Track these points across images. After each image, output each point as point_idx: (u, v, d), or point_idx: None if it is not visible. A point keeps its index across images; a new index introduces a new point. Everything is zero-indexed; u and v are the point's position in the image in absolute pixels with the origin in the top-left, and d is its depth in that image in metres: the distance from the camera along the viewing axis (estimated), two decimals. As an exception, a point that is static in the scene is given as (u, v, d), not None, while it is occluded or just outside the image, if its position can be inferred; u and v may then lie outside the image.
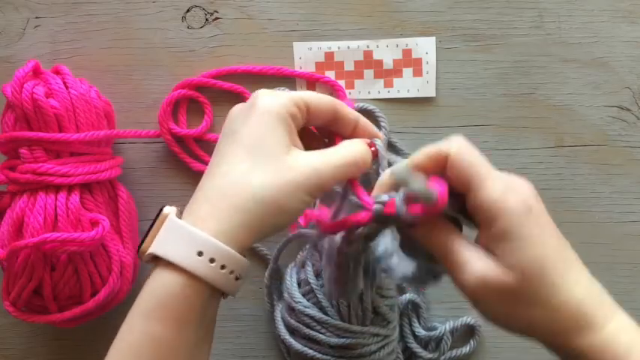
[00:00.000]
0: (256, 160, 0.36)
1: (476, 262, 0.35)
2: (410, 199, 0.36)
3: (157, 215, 0.37)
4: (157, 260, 0.36)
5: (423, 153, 0.37)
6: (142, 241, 0.37)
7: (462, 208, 0.37)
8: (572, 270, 0.35)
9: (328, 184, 0.37)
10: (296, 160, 0.37)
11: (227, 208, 0.35)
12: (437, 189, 0.34)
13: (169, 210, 0.37)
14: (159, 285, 0.36)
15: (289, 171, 0.36)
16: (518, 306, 0.35)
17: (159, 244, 0.36)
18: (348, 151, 0.39)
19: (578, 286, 0.35)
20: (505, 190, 0.35)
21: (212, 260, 0.35)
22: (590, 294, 0.35)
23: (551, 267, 0.34)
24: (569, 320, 0.35)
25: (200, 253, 0.35)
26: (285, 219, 0.37)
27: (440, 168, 0.36)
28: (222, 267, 0.35)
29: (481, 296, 0.35)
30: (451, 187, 0.36)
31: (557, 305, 0.34)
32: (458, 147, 0.36)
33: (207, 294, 0.36)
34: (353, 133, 0.42)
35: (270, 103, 0.38)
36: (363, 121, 0.43)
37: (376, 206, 0.37)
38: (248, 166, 0.36)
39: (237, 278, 0.37)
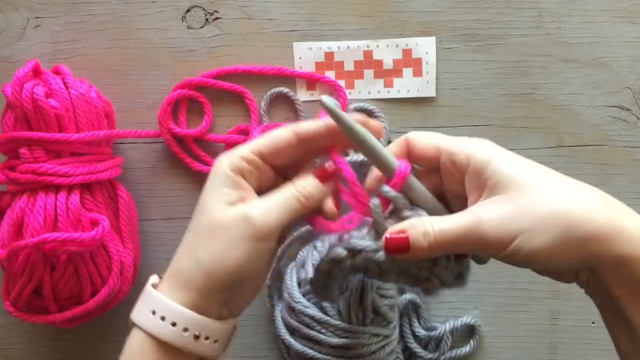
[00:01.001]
0: (200, 226, 0.39)
1: (474, 210, 0.36)
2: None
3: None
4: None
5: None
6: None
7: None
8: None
9: (268, 229, 0.38)
10: (229, 216, 0.38)
11: (177, 273, 0.39)
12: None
13: (151, 279, 0.40)
14: (128, 345, 0.39)
15: (221, 230, 0.38)
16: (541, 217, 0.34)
17: (134, 310, 0.39)
18: (284, 194, 0.39)
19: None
20: (467, 139, 0.39)
21: (163, 318, 0.37)
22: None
23: (543, 175, 0.36)
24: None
25: (153, 312, 0.38)
26: (234, 274, 0.38)
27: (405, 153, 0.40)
28: (173, 324, 0.37)
29: (507, 226, 0.34)
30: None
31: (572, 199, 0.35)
32: (413, 133, 0.40)
33: (165, 351, 0.38)
34: (330, 139, 0.40)
35: (215, 166, 0.40)
36: (331, 126, 0.40)
37: (373, 200, 0.39)
38: (193, 233, 0.39)
39: (196, 337, 0.38)
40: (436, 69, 0.58)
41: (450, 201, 0.40)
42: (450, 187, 0.40)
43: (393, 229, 0.37)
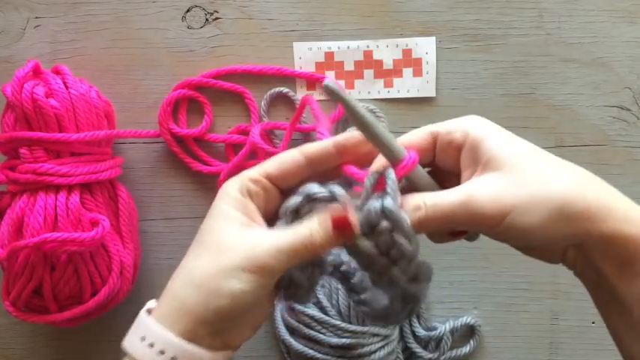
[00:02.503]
0: (201, 247, 0.37)
1: (470, 184, 0.36)
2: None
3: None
4: None
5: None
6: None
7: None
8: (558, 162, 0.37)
9: (268, 265, 0.35)
10: (236, 242, 0.36)
11: (170, 295, 0.37)
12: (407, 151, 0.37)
13: (148, 304, 0.38)
14: None
15: (225, 254, 0.36)
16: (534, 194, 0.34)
17: (126, 337, 0.37)
18: (293, 235, 0.36)
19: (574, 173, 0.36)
20: (462, 118, 0.39)
21: (151, 345, 0.35)
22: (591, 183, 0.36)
23: (536, 154, 0.36)
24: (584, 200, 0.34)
25: (142, 339, 0.36)
26: (229, 302, 0.35)
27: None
28: (162, 352, 0.35)
29: (501, 200, 0.34)
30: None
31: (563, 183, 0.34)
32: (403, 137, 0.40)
33: None
34: (344, 156, 0.39)
35: (222, 190, 0.38)
36: (342, 142, 0.39)
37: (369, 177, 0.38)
38: (194, 254, 0.37)
39: None
40: (436, 69, 0.58)
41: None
42: (446, 169, 0.39)
43: None
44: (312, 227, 0.36)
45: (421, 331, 0.59)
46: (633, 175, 0.59)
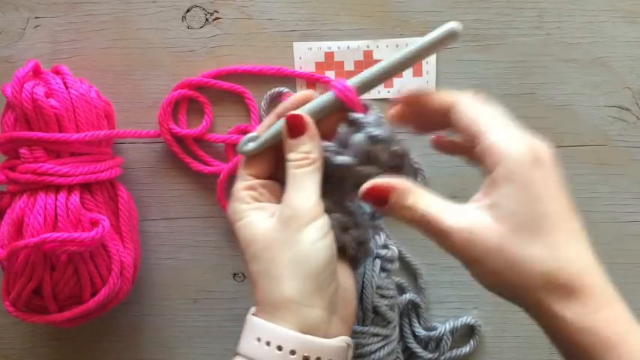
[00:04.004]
0: (254, 252, 0.39)
1: (459, 216, 0.35)
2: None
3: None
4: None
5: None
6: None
7: None
8: (570, 233, 0.35)
9: (308, 208, 0.38)
10: (273, 228, 0.38)
11: (265, 298, 0.38)
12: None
13: (251, 309, 0.39)
14: None
15: (279, 233, 0.38)
16: (507, 259, 0.34)
17: (240, 344, 0.38)
18: (289, 173, 0.39)
19: (572, 249, 0.34)
20: (513, 136, 0.36)
21: (268, 343, 0.36)
22: (586, 263, 0.34)
23: (547, 223, 0.34)
24: (557, 278, 0.33)
25: (258, 339, 0.37)
26: (314, 259, 0.37)
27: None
28: (279, 348, 0.36)
29: (469, 251, 0.34)
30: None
31: (545, 258, 0.33)
32: (465, 98, 0.38)
33: None
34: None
35: (231, 212, 0.41)
36: (281, 112, 0.43)
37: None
38: (257, 263, 0.39)
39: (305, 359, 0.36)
40: (436, 69, 0.58)
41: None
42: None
43: (379, 182, 0.37)
44: (288, 156, 0.40)
45: (421, 331, 0.59)
46: (633, 175, 0.59)
